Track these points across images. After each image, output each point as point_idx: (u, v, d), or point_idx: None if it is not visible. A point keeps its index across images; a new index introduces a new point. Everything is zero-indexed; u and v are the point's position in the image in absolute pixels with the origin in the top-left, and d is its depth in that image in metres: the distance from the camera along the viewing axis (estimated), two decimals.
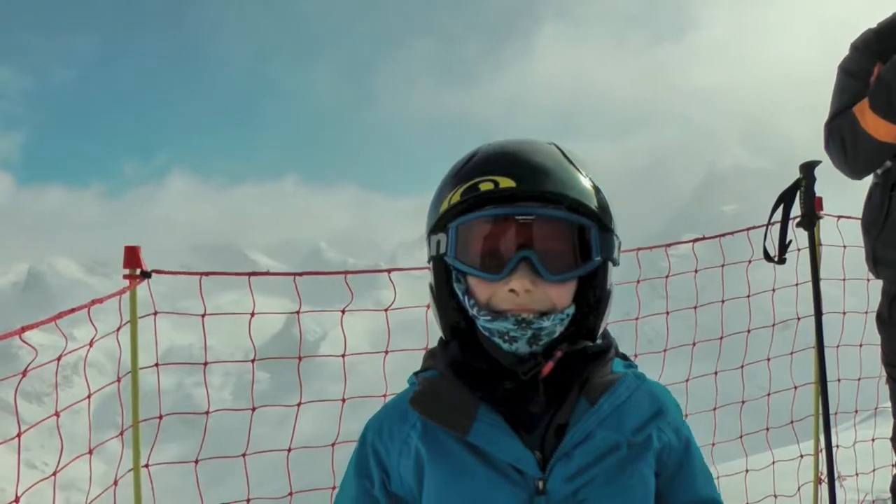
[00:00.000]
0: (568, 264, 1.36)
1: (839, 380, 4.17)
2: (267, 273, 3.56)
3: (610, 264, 1.43)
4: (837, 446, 3.53)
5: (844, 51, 2.92)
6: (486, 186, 1.35)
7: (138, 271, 3.00)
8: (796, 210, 3.30)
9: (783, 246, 3.22)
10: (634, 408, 1.39)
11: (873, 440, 4.77)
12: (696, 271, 4.11)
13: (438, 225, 1.42)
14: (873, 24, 2.87)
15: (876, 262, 2.89)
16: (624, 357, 1.51)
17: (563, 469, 1.33)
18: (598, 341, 1.44)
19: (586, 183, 1.39)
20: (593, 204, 1.37)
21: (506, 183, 1.34)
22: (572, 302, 1.40)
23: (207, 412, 3.58)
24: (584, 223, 1.37)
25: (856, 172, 2.84)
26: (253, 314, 3.43)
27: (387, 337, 3.62)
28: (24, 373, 2.65)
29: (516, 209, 1.34)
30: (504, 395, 1.36)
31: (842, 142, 2.77)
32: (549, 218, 1.35)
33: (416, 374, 1.48)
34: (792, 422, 4.60)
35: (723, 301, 4.33)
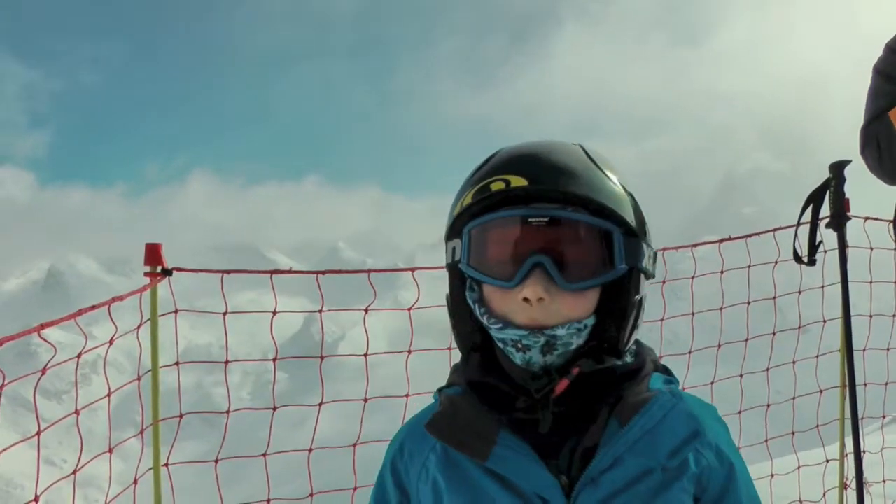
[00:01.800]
0: (587, 272, 1.26)
1: (865, 384, 4.10)
2: (289, 271, 3.47)
3: (642, 275, 1.32)
4: (865, 451, 3.47)
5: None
6: (497, 186, 1.27)
7: (159, 269, 2.98)
8: (825, 210, 3.24)
9: (813, 247, 3.16)
10: (668, 430, 1.29)
11: None
12: (721, 272, 4.07)
13: (453, 230, 1.35)
14: None
15: None
16: (665, 371, 1.40)
17: (589, 496, 1.24)
18: (629, 359, 1.34)
19: (612, 185, 1.29)
20: (618, 207, 1.28)
21: (518, 182, 1.26)
22: (594, 313, 1.29)
23: (228, 411, 3.55)
24: (607, 227, 1.26)
25: (893, 179, 2.77)
26: (275, 313, 3.37)
27: (405, 337, 3.59)
28: (44, 370, 2.64)
29: (530, 210, 1.25)
30: (525, 416, 1.27)
31: (878, 148, 2.70)
32: (567, 220, 1.25)
33: (440, 389, 1.41)
34: (818, 426, 4.53)
35: (748, 303, 4.27)
